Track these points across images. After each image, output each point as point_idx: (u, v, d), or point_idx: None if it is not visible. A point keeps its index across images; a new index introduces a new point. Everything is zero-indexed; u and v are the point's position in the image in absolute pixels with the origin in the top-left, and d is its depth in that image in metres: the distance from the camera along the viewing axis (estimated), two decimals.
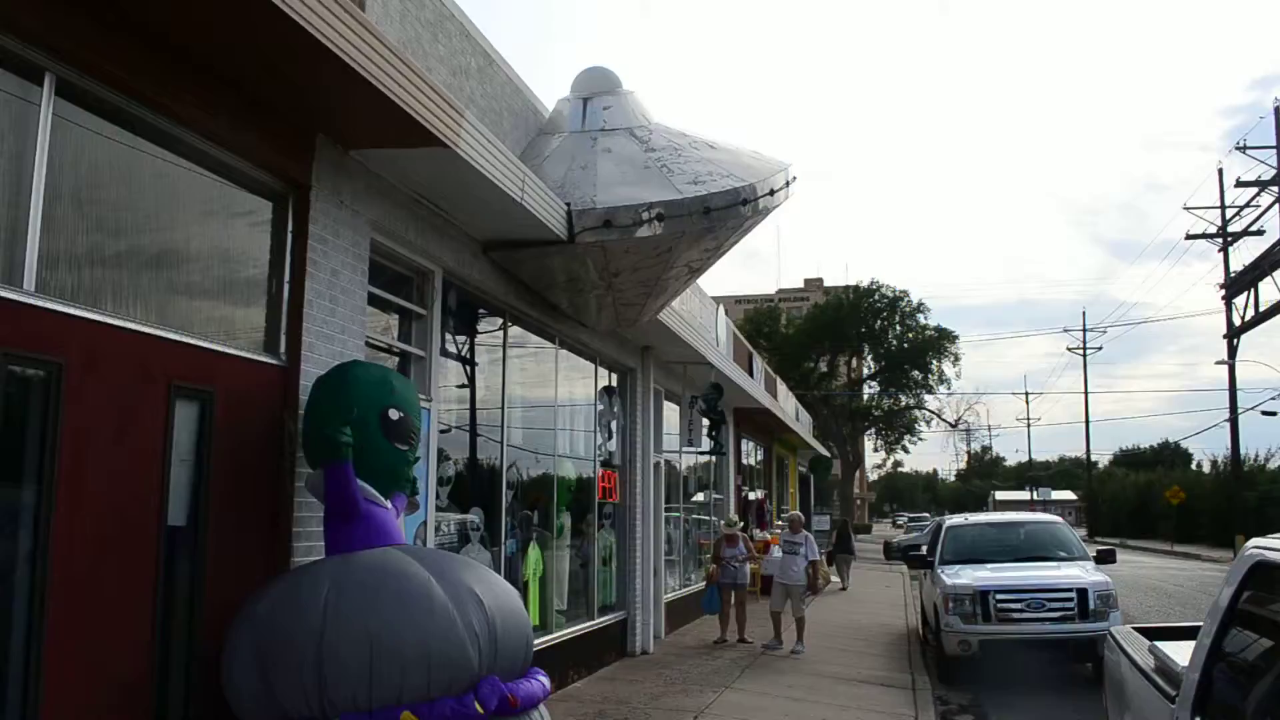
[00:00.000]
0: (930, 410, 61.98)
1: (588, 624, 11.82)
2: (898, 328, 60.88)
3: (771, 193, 9.48)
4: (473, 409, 9.21)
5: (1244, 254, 40.49)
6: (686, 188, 8.78)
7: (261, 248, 5.86)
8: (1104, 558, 13.26)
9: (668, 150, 9.46)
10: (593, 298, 10.01)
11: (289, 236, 5.93)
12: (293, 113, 5.64)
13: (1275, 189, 34.56)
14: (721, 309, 20.37)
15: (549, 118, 10.46)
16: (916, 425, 61.20)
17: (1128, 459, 76.19)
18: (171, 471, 4.89)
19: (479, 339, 9.50)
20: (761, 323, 62.55)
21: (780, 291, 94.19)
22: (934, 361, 58.81)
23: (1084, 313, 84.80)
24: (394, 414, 5.42)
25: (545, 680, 4.92)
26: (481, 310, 9.49)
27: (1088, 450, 65.04)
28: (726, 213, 8.87)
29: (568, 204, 8.35)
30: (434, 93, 5.74)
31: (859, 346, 61.52)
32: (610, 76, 10.69)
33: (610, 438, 13.53)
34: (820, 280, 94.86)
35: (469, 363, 9.17)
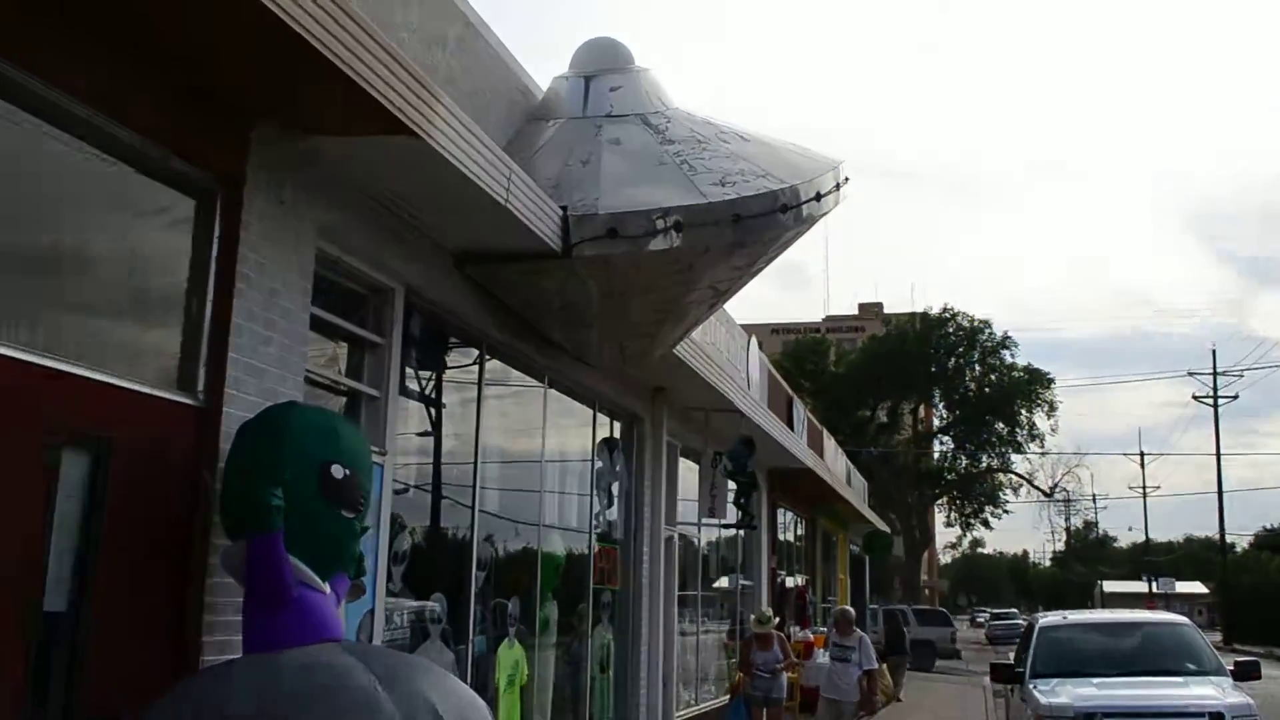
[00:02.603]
0: (1019, 474, 61.86)
1: None
2: (977, 368, 60.96)
3: (818, 197, 9.55)
4: (437, 464, 9.20)
5: None
6: (712, 190, 8.85)
7: (179, 257, 5.88)
8: (1245, 672, 12.99)
9: (689, 143, 9.54)
10: (593, 326, 10.05)
11: (215, 243, 5.96)
12: (223, 87, 5.70)
13: None
14: (755, 341, 20.43)
15: (542, 100, 10.56)
16: (1001, 493, 61.08)
17: (1273, 541, 75.40)
18: (51, 543, 4.87)
19: (448, 375, 9.54)
20: (805, 358, 62.68)
21: (829, 319, 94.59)
22: (1023, 411, 58.81)
23: (1213, 351, 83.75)
24: (338, 472, 5.39)
25: None
26: (452, 340, 9.51)
27: (1221, 529, 64.47)
28: (762, 221, 8.94)
29: (564, 208, 8.42)
30: (400, 67, 5.80)
31: (928, 391, 61.56)
32: (619, 50, 10.80)
33: (610, 504, 13.51)
34: (879, 306, 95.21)
35: (435, 404, 9.20)
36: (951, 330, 61.21)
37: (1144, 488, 79.00)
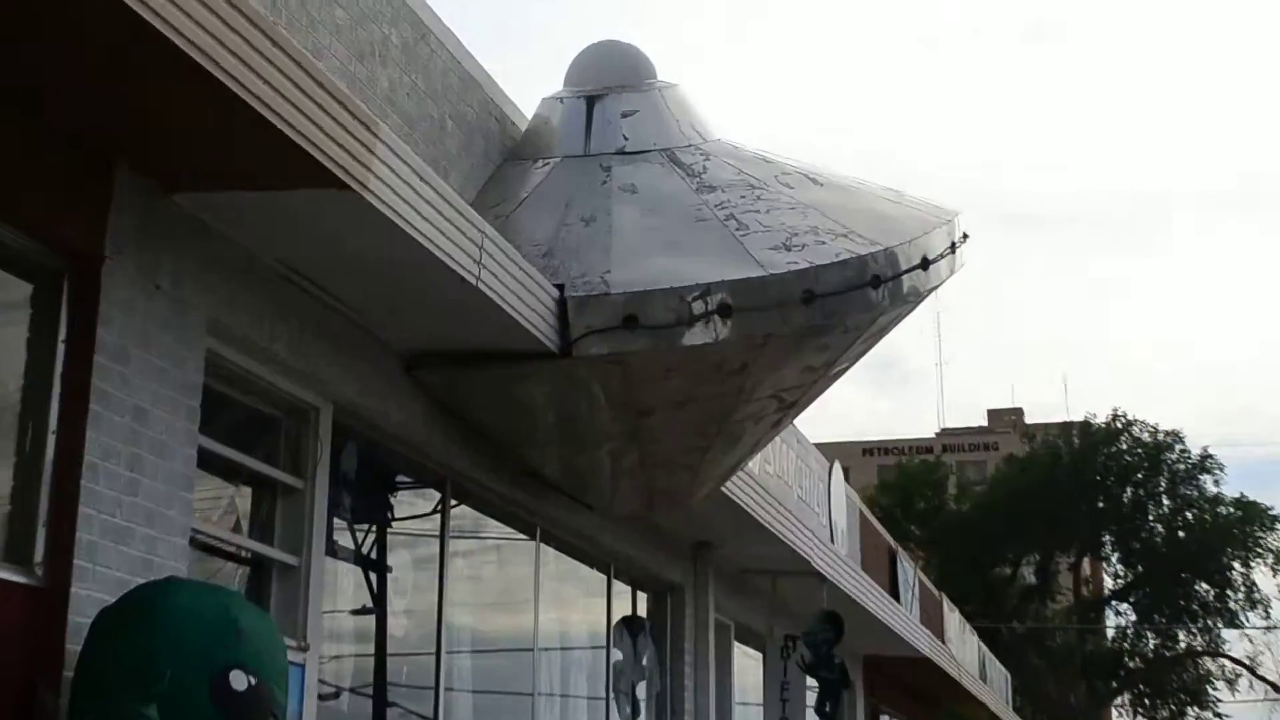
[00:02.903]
0: (1234, 659, 60.69)
1: None
2: (1165, 502, 60.36)
3: (925, 263, 9.57)
4: (382, 656, 9.12)
5: None
6: (772, 256, 8.86)
7: (10, 365, 5.91)
8: None
9: (737, 189, 9.60)
10: (604, 455, 10.00)
11: (60, 346, 6.00)
12: (68, 120, 5.79)
13: None
14: (839, 469, 20.34)
15: (527, 131, 10.68)
16: (1210, 687, 59.89)
17: None
18: None
19: (397, 528, 9.48)
20: (913, 493, 62.32)
21: (945, 434, 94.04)
22: (1236, 565, 58.03)
23: None
24: (239, 681, 5.34)
25: None
26: (403, 478, 9.47)
27: None
28: (845, 300, 8.94)
29: (560, 286, 8.44)
30: (316, 85, 5.89)
31: (1095, 538, 60.91)
32: (634, 59, 10.98)
33: (636, 714, 13.36)
34: (1017, 413, 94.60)
35: (378, 569, 9.15)
36: (1126, 448, 60.72)
37: None
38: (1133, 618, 60.86)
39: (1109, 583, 64.15)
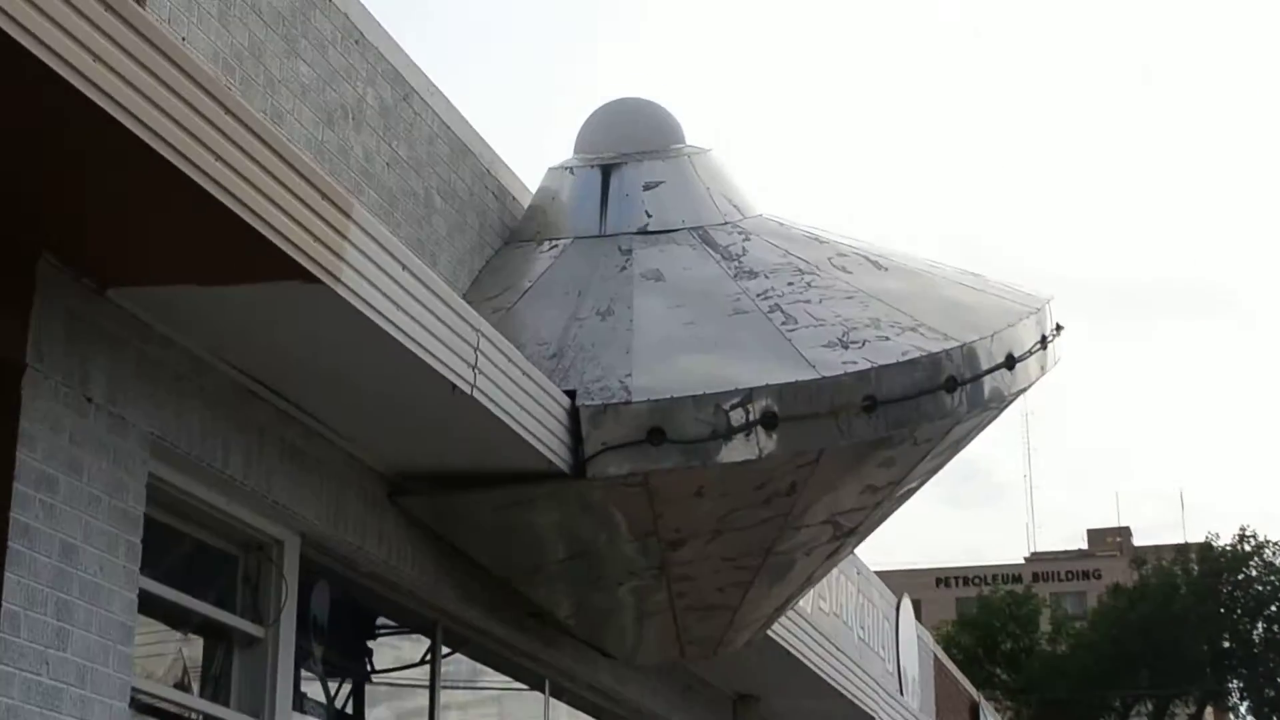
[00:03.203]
0: None
1: None
2: None
3: (1011, 361, 9.53)
4: None
5: None
6: (825, 355, 8.85)
7: None
8: None
9: (783, 274, 9.60)
10: (625, 594, 9.95)
11: None
12: None
13: None
14: (908, 602, 20.15)
15: (531, 207, 10.71)
16: None
17: None
18: None
19: (379, 679, 9.42)
20: (998, 630, 61.78)
21: (1036, 559, 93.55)
22: None
23: None
24: None
25: None
26: (385, 622, 9.40)
27: None
28: (913, 407, 8.92)
29: (571, 393, 8.43)
30: (279, 160, 5.89)
31: (1220, 682, 60.27)
32: (657, 119, 11.01)
33: None
34: (1123, 534, 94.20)
35: None
36: (1256, 574, 60.28)
37: None
38: None
39: None
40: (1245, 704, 61.17)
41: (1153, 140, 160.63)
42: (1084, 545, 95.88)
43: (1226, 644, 59.35)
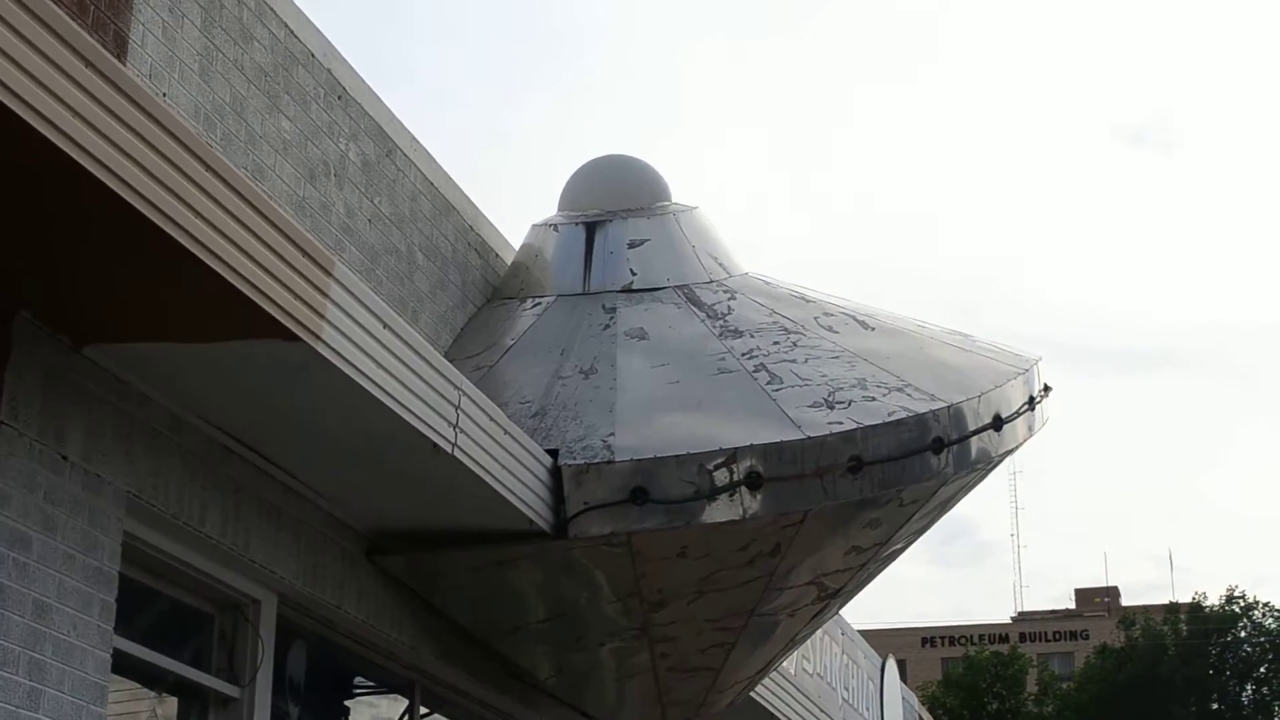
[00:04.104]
0: None
1: None
2: None
3: (998, 422, 9.51)
4: None
5: None
6: (810, 415, 8.84)
7: None
8: None
9: (769, 334, 9.59)
10: (607, 655, 9.90)
11: None
12: None
13: None
14: (893, 663, 20.06)
15: (513, 265, 10.71)
16: None
17: None
18: None
19: None
20: (985, 690, 61.64)
21: (1023, 619, 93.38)
22: None
23: None
24: None
25: None
26: (362, 681, 9.35)
27: None
28: (900, 468, 8.90)
29: (553, 452, 8.41)
30: (260, 218, 5.88)
31: None
32: (643, 176, 11.03)
33: None
34: (1110, 593, 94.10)
35: None
36: (1245, 635, 60.24)
37: None
38: None
39: None
40: None
41: (1137, 198, 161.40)
42: (1072, 605, 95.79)
43: (1215, 706, 59.22)
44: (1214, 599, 61.68)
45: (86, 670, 6.39)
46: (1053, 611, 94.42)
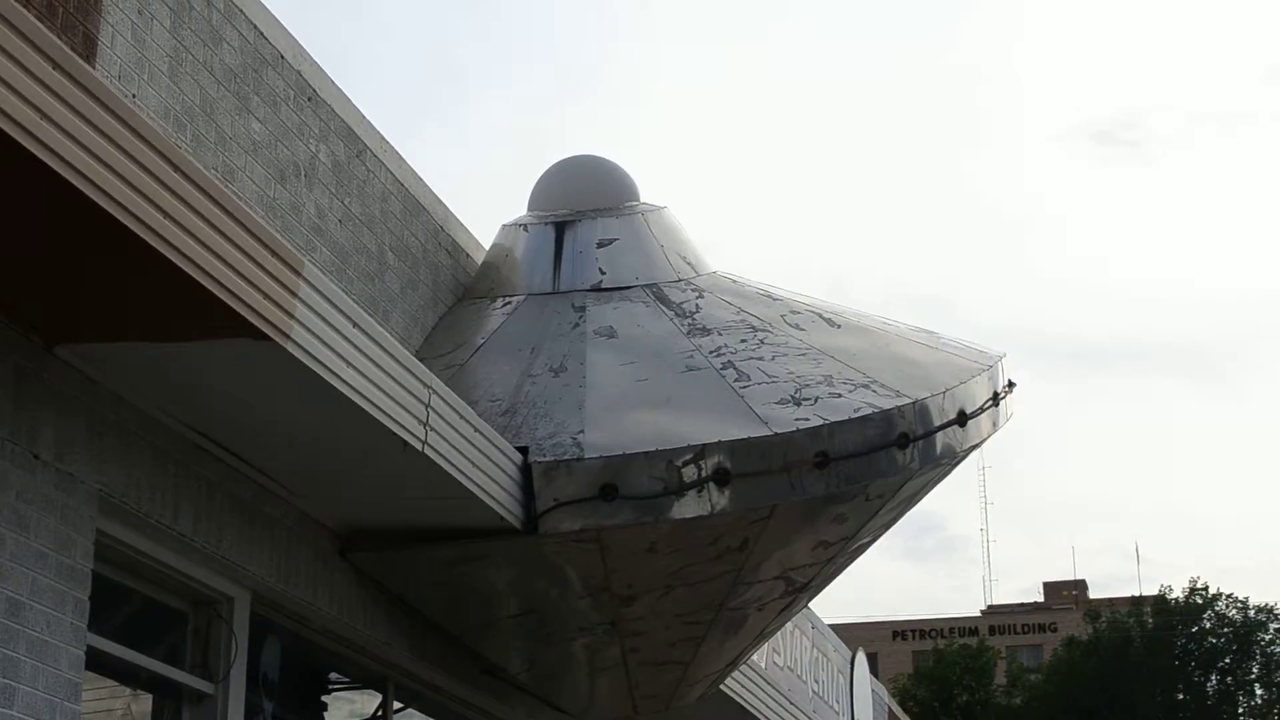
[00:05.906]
0: None
1: None
2: (1259, 691, 59.77)
3: (963, 418, 9.58)
4: None
5: None
6: (778, 411, 8.87)
7: None
8: None
9: (737, 332, 9.62)
10: (578, 649, 9.92)
11: None
12: None
13: None
14: (862, 656, 20.08)
15: (484, 264, 10.72)
16: None
17: None
18: None
19: None
20: (953, 681, 61.77)
21: (992, 612, 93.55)
22: None
23: None
24: None
25: None
26: (336, 678, 9.35)
27: None
28: (866, 463, 8.94)
29: (523, 449, 8.42)
30: (229, 218, 5.89)
31: None
32: (612, 176, 11.05)
33: None
34: (1078, 587, 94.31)
35: None
36: (1210, 627, 60.46)
37: None
38: None
39: None
40: None
41: (1105, 193, 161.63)
42: (1040, 598, 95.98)
43: (1181, 696, 59.43)
44: (1178, 591, 61.90)
45: (60, 667, 6.39)
46: (1021, 605, 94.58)
